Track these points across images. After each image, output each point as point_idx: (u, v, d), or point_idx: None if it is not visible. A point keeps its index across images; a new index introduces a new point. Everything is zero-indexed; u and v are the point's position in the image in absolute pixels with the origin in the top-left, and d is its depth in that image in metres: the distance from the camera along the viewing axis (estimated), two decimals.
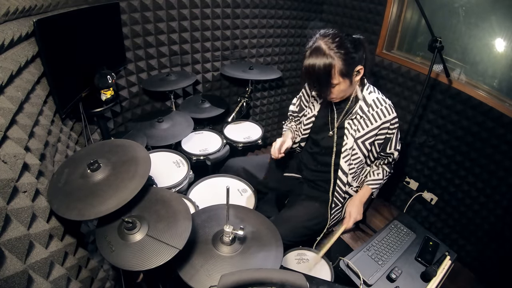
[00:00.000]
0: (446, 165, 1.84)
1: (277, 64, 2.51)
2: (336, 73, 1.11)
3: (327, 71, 1.10)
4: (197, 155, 1.69)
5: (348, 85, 1.16)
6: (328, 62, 1.09)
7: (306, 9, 2.37)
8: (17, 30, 0.88)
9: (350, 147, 1.27)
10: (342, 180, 1.33)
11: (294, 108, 1.52)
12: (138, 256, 0.81)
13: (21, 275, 0.60)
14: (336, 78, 1.12)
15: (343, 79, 1.13)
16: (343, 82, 1.14)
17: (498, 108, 1.51)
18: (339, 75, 1.11)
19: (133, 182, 0.89)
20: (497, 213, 1.61)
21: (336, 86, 1.15)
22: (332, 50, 1.09)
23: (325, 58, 1.09)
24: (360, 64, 1.15)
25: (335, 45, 1.09)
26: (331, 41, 1.10)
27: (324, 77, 1.12)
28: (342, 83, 1.14)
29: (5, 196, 0.63)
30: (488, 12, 1.58)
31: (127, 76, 1.83)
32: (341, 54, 1.09)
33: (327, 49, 1.09)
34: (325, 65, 1.09)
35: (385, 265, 1.24)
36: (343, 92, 1.19)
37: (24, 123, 0.81)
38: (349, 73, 1.13)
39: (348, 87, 1.18)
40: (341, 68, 1.10)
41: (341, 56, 1.09)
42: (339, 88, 1.16)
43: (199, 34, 1.98)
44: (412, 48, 2.04)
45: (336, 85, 1.15)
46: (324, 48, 1.10)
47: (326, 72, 1.10)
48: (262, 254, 0.94)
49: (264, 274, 0.66)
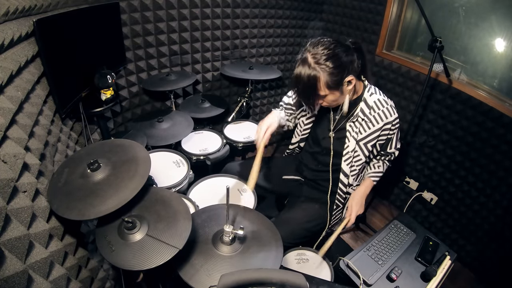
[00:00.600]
0: (446, 165, 1.84)
1: (277, 64, 2.51)
2: (322, 86, 1.10)
3: (312, 84, 1.09)
4: (197, 155, 1.69)
5: (338, 95, 1.15)
6: (313, 74, 1.08)
7: (306, 9, 2.37)
8: (17, 30, 0.88)
9: (352, 149, 1.27)
10: (343, 182, 1.33)
11: (289, 100, 1.47)
12: (138, 256, 0.81)
13: (21, 275, 0.60)
14: (322, 90, 1.11)
15: (330, 91, 1.12)
16: (331, 94, 1.13)
17: (498, 108, 1.51)
18: (325, 87, 1.10)
19: (133, 182, 0.89)
20: (497, 213, 1.61)
21: (325, 97, 1.15)
22: (318, 64, 1.07)
23: (310, 71, 1.08)
24: (352, 73, 1.12)
25: (324, 58, 1.07)
26: (319, 53, 1.08)
27: (310, 89, 1.11)
28: (330, 94, 1.13)
29: (5, 196, 0.63)
30: (488, 12, 1.58)
31: (127, 76, 1.83)
32: (328, 68, 1.07)
33: (313, 62, 1.08)
34: (310, 78, 1.08)
35: (385, 265, 1.24)
36: (334, 102, 1.18)
37: (24, 123, 0.81)
38: (337, 85, 1.11)
39: (339, 97, 1.16)
40: (327, 81, 1.08)
41: (327, 70, 1.07)
42: (328, 99, 1.16)
43: (199, 34, 1.98)
44: (412, 48, 2.04)
45: (325, 96, 1.14)
46: (310, 61, 1.08)
47: (312, 84, 1.10)
48: (262, 254, 0.94)
49: (264, 274, 0.66)
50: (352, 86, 1.15)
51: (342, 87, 1.13)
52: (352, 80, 1.13)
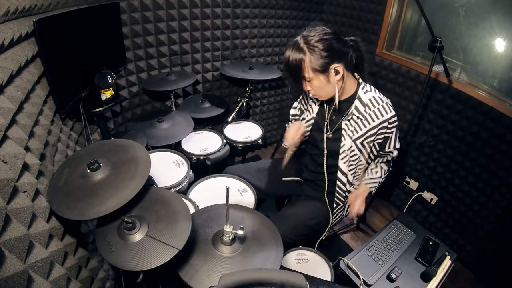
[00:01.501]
0: (446, 165, 1.84)
1: (277, 64, 2.51)
2: (307, 67, 1.12)
3: (298, 63, 1.12)
4: (197, 155, 1.69)
5: (324, 82, 1.15)
6: (300, 54, 1.11)
7: (306, 9, 2.37)
8: (17, 30, 0.88)
9: (348, 148, 1.26)
10: (341, 180, 1.33)
11: (295, 111, 1.53)
12: (138, 256, 0.81)
13: (21, 275, 0.60)
14: (307, 71, 1.13)
15: (315, 74, 1.13)
16: (316, 78, 1.14)
17: (498, 108, 1.51)
18: (310, 69, 1.12)
19: (133, 182, 0.89)
20: (497, 213, 1.61)
21: (311, 82, 1.16)
22: (307, 45, 1.11)
23: (298, 50, 1.12)
24: (341, 63, 1.13)
25: (314, 40, 1.10)
26: (311, 36, 1.12)
27: (296, 69, 1.14)
28: (315, 79, 1.15)
29: (5, 196, 0.63)
30: (488, 12, 1.58)
31: (127, 76, 1.83)
32: (316, 48, 1.10)
33: (302, 43, 1.12)
34: (296, 57, 1.12)
35: (385, 265, 1.24)
36: (320, 89, 1.18)
37: (24, 123, 0.81)
38: (323, 69, 1.12)
39: (325, 84, 1.16)
40: (312, 62, 1.11)
41: (315, 51, 1.10)
42: (313, 84, 1.17)
43: (199, 34, 1.98)
44: (412, 48, 2.04)
45: (310, 80, 1.16)
46: (300, 42, 1.12)
47: (298, 64, 1.13)
48: (262, 254, 0.94)
49: (264, 274, 0.66)
50: (340, 76, 1.15)
51: (329, 74, 1.14)
52: (339, 69, 1.13)
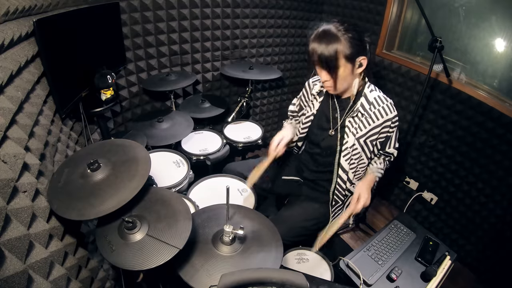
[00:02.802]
0: (446, 165, 1.84)
1: (277, 64, 2.51)
2: (341, 54, 1.11)
3: (333, 49, 1.10)
4: (197, 155, 1.69)
5: (349, 72, 1.15)
6: (335, 42, 1.10)
7: (306, 9, 2.37)
8: (17, 30, 0.88)
9: (351, 145, 1.26)
10: (342, 178, 1.32)
11: (294, 108, 1.52)
12: (138, 255, 0.81)
13: (21, 275, 0.60)
14: (339, 59, 1.12)
15: (346, 63, 1.13)
16: (344, 67, 1.14)
17: (498, 108, 1.51)
18: (343, 56, 1.11)
19: (133, 182, 0.89)
20: (497, 213, 1.61)
21: (337, 70, 1.14)
22: (340, 32, 1.10)
23: (332, 35, 1.10)
24: (364, 55, 1.14)
25: (344, 28, 1.11)
26: (339, 24, 1.12)
27: (330, 55, 1.12)
28: (343, 67, 1.14)
29: (5, 196, 0.63)
30: (488, 12, 1.58)
31: (127, 76, 1.83)
32: (348, 37, 1.10)
33: (335, 30, 1.11)
34: (332, 41, 1.10)
35: (385, 265, 1.24)
36: (342, 81, 1.18)
37: (24, 123, 0.81)
38: (353, 58, 1.13)
39: (349, 75, 1.16)
40: (346, 48, 1.10)
41: (347, 39, 1.10)
42: (340, 73, 1.15)
43: (199, 34, 1.98)
44: (412, 48, 2.04)
45: (338, 68, 1.14)
46: (333, 29, 1.11)
47: (332, 49, 1.10)
48: (262, 254, 0.94)
49: (264, 274, 0.66)
50: (362, 69, 1.17)
51: (355, 64, 1.14)
52: (363, 62, 1.15)
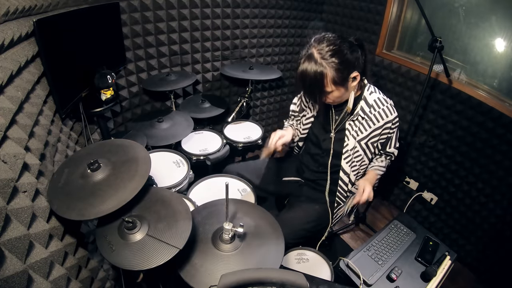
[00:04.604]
0: (446, 165, 1.84)
1: (277, 64, 2.51)
2: (329, 82, 1.10)
3: (319, 80, 1.09)
4: (197, 155, 1.69)
5: (343, 91, 1.15)
6: (320, 71, 1.08)
7: (306, 9, 2.37)
8: (17, 30, 0.88)
9: (351, 148, 1.26)
10: (343, 180, 1.33)
11: (295, 107, 1.52)
12: (138, 255, 0.81)
13: (21, 275, 0.60)
14: (329, 86, 1.11)
15: (336, 87, 1.12)
16: (336, 90, 1.13)
17: (498, 108, 1.51)
18: (331, 83, 1.11)
19: (133, 182, 0.89)
20: (497, 213, 1.61)
21: (330, 93, 1.15)
22: (325, 60, 1.07)
23: (316, 67, 1.08)
24: (356, 70, 1.13)
25: (329, 54, 1.07)
26: (325, 49, 1.08)
27: (317, 85, 1.11)
28: (336, 90, 1.14)
29: (5, 196, 0.63)
30: (488, 12, 1.58)
31: (127, 76, 1.83)
32: (334, 64, 1.07)
33: (319, 58, 1.08)
34: (317, 74, 1.08)
35: (385, 265, 1.24)
36: (339, 98, 1.18)
37: (24, 123, 0.81)
38: (343, 81, 1.11)
39: (344, 93, 1.17)
40: (333, 77, 1.09)
41: (334, 66, 1.07)
42: (333, 95, 1.16)
43: (199, 34, 1.98)
44: (412, 48, 2.04)
45: (330, 92, 1.14)
46: (317, 57, 1.08)
47: (318, 80, 1.10)
48: (263, 251, 0.94)
49: (264, 274, 0.66)
50: (356, 83, 1.16)
51: (348, 83, 1.14)
52: (357, 76, 1.14)
